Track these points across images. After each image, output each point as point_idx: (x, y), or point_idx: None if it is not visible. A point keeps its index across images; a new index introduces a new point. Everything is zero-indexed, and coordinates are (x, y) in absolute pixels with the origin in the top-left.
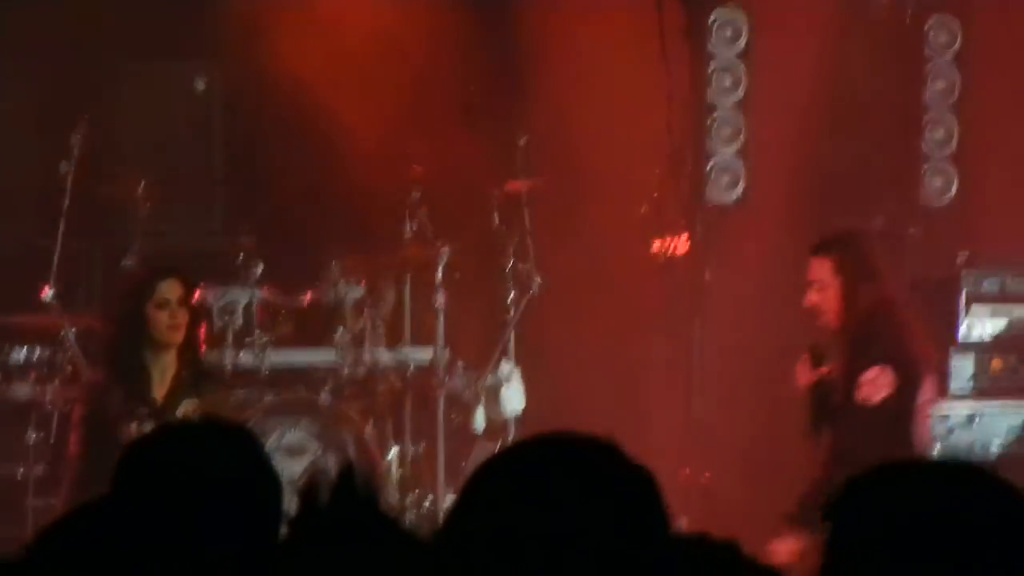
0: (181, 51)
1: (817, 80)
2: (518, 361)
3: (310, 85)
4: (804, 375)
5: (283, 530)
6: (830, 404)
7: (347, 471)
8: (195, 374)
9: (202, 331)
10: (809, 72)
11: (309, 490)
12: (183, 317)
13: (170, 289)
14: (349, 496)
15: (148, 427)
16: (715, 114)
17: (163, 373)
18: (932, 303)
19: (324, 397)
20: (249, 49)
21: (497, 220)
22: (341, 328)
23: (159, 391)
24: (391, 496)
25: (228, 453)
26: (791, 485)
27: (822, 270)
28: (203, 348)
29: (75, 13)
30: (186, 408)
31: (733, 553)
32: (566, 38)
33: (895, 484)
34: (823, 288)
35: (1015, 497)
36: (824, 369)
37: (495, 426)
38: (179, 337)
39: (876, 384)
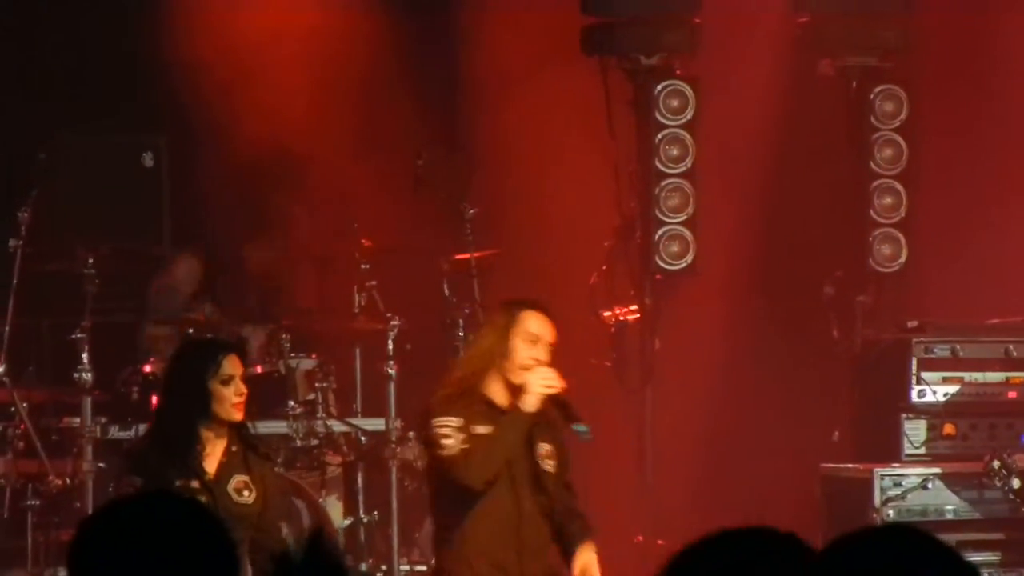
0: (129, 126)
1: (764, 149)
2: None
3: (258, 160)
4: None
5: None
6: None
7: (317, 535)
8: (245, 449)
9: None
10: (756, 141)
11: (283, 556)
12: (246, 392)
13: (233, 366)
14: (319, 559)
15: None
16: (663, 183)
17: (214, 447)
18: (883, 369)
19: (277, 468)
20: (197, 124)
21: (447, 291)
22: (292, 400)
23: (210, 465)
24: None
25: (181, 525)
26: None
27: (551, 331)
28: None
29: (22, 87)
30: (237, 483)
31: None
32: (514, 111)
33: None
34: (549, 351)
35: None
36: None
37: None
38: (241, 414)
39: None
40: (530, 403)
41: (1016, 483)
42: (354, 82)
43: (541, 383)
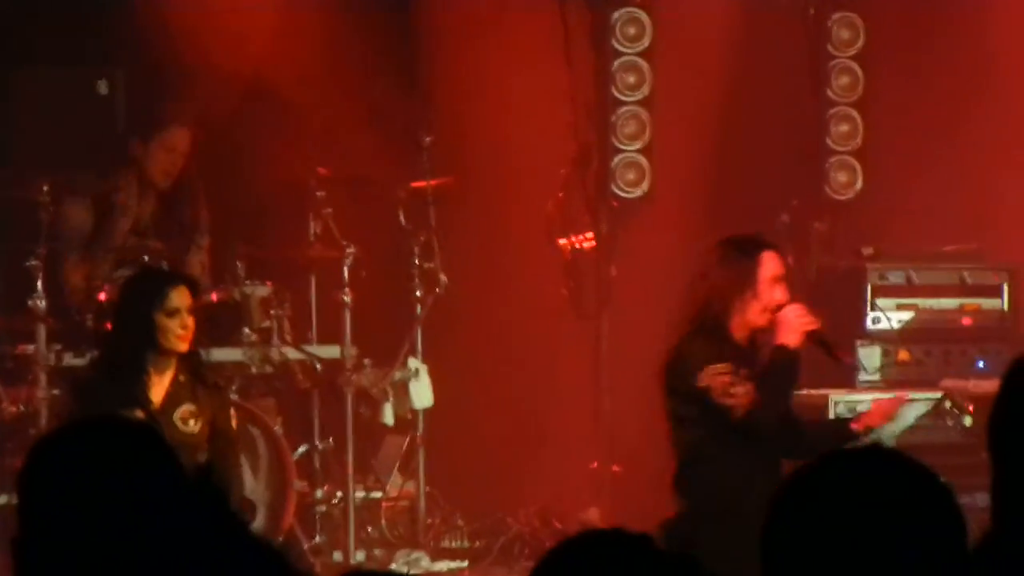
0: (84, 54)
1: (721, 76)
2: (426, 358)
3: (213, 87)
4: None
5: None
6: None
7: (205, 474)
8: (193, 378)
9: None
10: (713, 68)
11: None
12: (191, 325)
13: (180, 297)
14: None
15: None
16: (620, 111)
17: (161, 376)
18: (838, 296)
19: (232, 396)
20: (152, 52)
21: (403, 219)
22: (247, 327)
23: (156, 395)
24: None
25: (131, 451)
26: None
27: (782, 266)
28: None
29: None
30: (183, 412)
31: (647, 546)
32: (470, 37)
33: (824, 475)
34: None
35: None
36: None
37: (404, 421)
38: (186, 345)
39: None
40: (792, 341)
41: (968, 420)
42: (314, 15)
43: (799, 321)
